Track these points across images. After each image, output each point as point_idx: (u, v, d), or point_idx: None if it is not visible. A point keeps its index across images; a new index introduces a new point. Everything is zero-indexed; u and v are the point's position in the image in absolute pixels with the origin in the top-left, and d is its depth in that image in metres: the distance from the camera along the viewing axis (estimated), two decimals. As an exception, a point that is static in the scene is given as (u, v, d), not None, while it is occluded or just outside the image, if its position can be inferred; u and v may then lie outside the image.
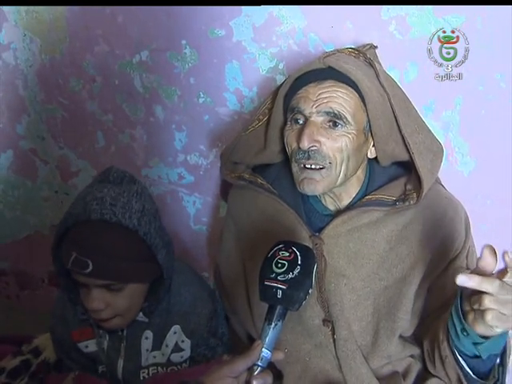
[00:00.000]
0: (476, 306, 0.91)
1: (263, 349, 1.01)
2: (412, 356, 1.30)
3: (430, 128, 1.27)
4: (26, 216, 1.97)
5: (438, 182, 1.30)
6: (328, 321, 1.25)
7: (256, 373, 1.01)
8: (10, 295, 2.14)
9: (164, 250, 1.27)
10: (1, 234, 2.03)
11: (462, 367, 1.07)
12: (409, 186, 1.22)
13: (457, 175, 1.44)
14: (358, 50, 1.25)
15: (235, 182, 1.37)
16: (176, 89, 1.61)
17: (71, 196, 1.86)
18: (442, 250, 1.22)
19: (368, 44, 1.30)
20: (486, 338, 0.97)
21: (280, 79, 1.47)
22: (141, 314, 1.32)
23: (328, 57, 1.18)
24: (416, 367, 1.30)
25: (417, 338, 1.28)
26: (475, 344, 1.00)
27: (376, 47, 1.31)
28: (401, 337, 1.26)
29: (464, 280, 0.88)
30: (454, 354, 1.07)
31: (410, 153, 1.19)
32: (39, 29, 1.68)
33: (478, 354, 1.01)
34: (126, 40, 1.61)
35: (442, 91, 1.38)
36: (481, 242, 1.30)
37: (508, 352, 1.08)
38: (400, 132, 1.19)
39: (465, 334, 0.99)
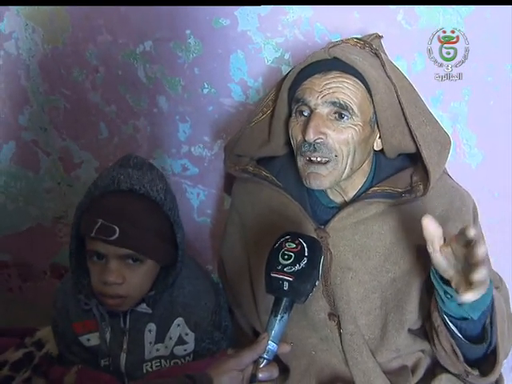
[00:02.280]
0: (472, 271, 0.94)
1: (269, 341, 1.01)
2: (422, 351, 1.29)
3: (438, 119, 1.26)
4: (28, 208, 1.97)
5: (444, 171, 1.29)
6: (334, 315, 1.24)
7: (262, 365, 1.01)
8: (12, 287, 2.14)
9: (182, 232, 1.30)
10: (3, 226, 2.02)
11: (452, 333, 1.11)
12: (415, 178, 1.21)
13: (464, 167, 1.43)
14: (363, 41, 1.24)
15: (239, 175, 1.36)
16: (180, 79, 1.60)
17: (74, 188, 1.85)
18: None
19: (373, 34, 1.29)
20: None
21: (285, 69, 1.45)
22: (144, 305, 1.31)
23: (333, 47, 1.17)
24: (425, 362, 1.30)
25: (425, 332, 1.27)
26: (460, 305, 1.04)
27: (381, 37, 1.29)
28: (410, 330, 1.25)
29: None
30: (444, 321, 1.11)
31: (416, 145, 1.18)
32: (41, 18, 1.67)
33: (465, 315, 1.06)
34: (129, 30, 1.60)
35: (451, 83, 1.37)
36: (488, 234, 1.30)
37: (496, 310, 1.10)
38: (407, 124, 1.17)
39: (448, 296, 1.05)
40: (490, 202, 1.43)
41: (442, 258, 1.01)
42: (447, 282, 1.03)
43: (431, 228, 1.00)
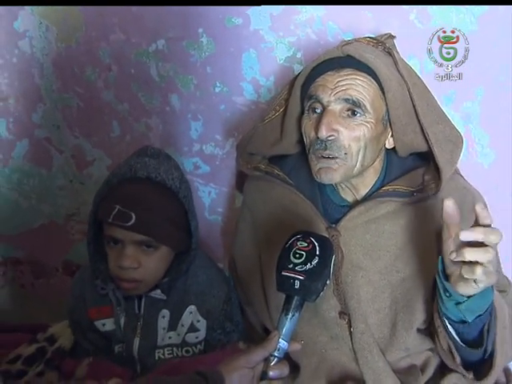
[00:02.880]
0: (465, 269, 0.94)
1: (280, 339, 1.01)
2: (431, 350, 1.29)
3: (450, 118, 1.25)
4: (40, 205, 1.97)
5: (456, 171, 1.28)
6: (344, 313, 1.24)
7: (273, 363, 1.01)
8: (24, 284, 2.15)
9: (196, 220, 1.34)
10: (16, 223, 2.03)
11: (450, 335, 1.11)
12: (427, 177, 1.21)
13: (477, 167, 1.43)
14: (376, 40, 1.24)
15: (251, 173, 1.37)
16: (192, 78, 1.60)
17: (86, 185, 1.86)
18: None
19: (386, 33, 1.28)
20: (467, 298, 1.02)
21: (298, 68, 1.46)
22: (159, 291, 1.34)
23: (346, 45, 1.17)
24: (434, 361, 1.29)
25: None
26: (457, 304, 1.04)
27: (394, 37, 1.29)
28: (419, 330, 1.25)
29: (468, 234, 0.91)
30: (443, 322, 1.11)
31: (428, 143, 1.17)
32: (55, 17, 1.68)
33: (463, 318, 1.06)
34: (142, 28, 1.60)
35: (463, 82, 1.37)
36: (501, 234, 1.29)
37: (496, 317, 1.09)
38: (419, 122, 1.17)
39: (447, 294, 1.04)
40: (502, 201, 1.43)
41: (452, 247, 1.00)
42: (447, 278, 1.03)
43: (450, 210, 0.99)
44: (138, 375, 1.36)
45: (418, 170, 1.23)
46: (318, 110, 1.17)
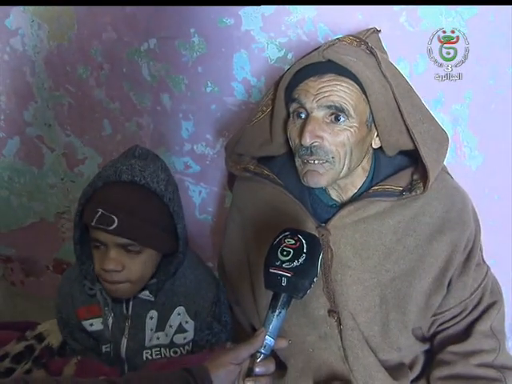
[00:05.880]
0: None
1: (266, 336, 1.01)
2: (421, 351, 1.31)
3: (437, 119, 1.25)
4: (31, 203, 1.98)
5: (444, 171, 1.29)
6: (334, 311, 1.25)
7: (259, 360, 1.01)
8: (15, 282, 2.15)
9: (183, 223, 1.33)
10: (7, 221, 2.03)
11: None
12: (415, 176, 1.21)
13: (465, 169, 1.44)
14: (359, 39, 1.22)
15: (240, 174, 1.36)
16: (184, 78, 1.61)
17: (77, 183, 1.86)
18: (453, 243, 1.21)
19: (371, 28, 1.27)
20: None
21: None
22: (147, 292, 1.34)
23: (327, 49, 1.15)
24: (422, 358, 1.31)
25: (424, 333, 1.30)
26: None
27: (379, 31, 1.27)
28: (413, 333, 1.27)
29: None
30: None
31: (414, 142, 1.18)
32: (47, 15, 1.68)
33: None
34: (134, 28, 1.61)
35: (452, 85, 1.37)
36: (487, 236, 1.31)
37: None
38: (404, 122, 1.17)
39: None
40: (489, 204, 1.44)
41: None
42: None
43: None
44: (126, 374, 1.36)
45: (407, 170, 1.24)
46: (303, 115, 1.17)
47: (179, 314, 1.38)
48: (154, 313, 1.37)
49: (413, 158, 1.24)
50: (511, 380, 1.25)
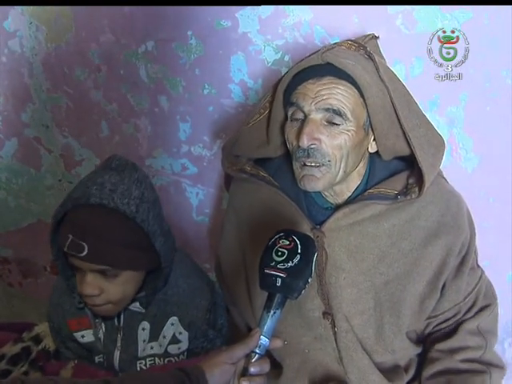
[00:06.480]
0: None
1: (261, 336, 1.02)
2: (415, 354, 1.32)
3: (434, 123, 1.26)
4: (29, 204, 1.98)
5: (440, 175, 1.29)
6: (328, 313, 1.25)
7: (254, 360, 1.01)
8: (12, 283, 2.15)
9: (162, 239, 1.27)
10: (4, 222, 2.04)
11: None
12: (411, 180, 1.21)
13: (460, 171, 1.44)
14: (357, 43, 1.23)
15: (237, 175, 1.37)
16: (181, 79, 1.61)
17: (74, 185, 1.86)
18: (447, 247, 1.21)
19: (369, 34, 1.28)
20: None
21: (285, 71, 1.46)
22: (137, 304, 1.32)
23: (327, 52, 1.16)
24: (416, 361, 1.32)
25: (419, 337, 1.30)
26: None
27: (378, 37, 1.29)
28: (407, 335, 1.27)
29: None
30: None
31: (411, 147, 1.18)
32: (45, 17, 1.68)
33: None
34: (131, 30, 1.61)
35: (448, 87, 1.38)
36: (483, 239, 1.31)
37: None
38: (401, 126, 1.17)
39: None
40: (485, 206, 1.44)
41: None
42: None
43: None
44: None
45: (403, 173, 1.24)
46: (300, 118, 1.18)
47: (173, 324, 1.36)
48: (145, 324, 1.36)
49: (408, 162, 1.25)
50: (497, 377, 1.26)
